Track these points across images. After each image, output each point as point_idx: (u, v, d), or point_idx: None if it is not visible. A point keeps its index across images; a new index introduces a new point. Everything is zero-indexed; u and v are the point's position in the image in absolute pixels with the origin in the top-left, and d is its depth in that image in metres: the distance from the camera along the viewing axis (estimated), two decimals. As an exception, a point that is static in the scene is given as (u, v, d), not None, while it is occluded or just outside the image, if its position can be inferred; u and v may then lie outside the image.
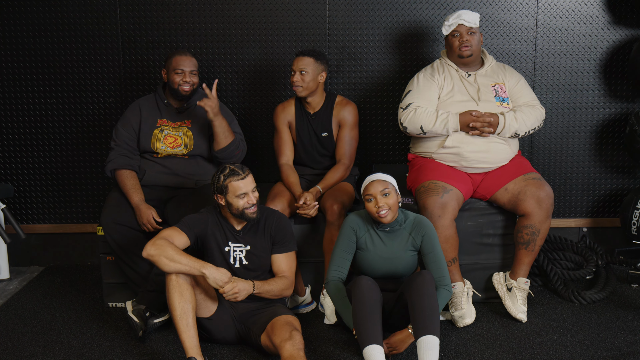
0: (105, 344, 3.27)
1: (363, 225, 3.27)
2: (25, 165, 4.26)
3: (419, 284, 2.99)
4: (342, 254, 3.27)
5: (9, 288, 3.99)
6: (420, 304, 2.94)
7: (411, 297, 2.98)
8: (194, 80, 3.64)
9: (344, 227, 3.29)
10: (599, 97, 4.18)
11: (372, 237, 3.25)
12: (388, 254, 3.24)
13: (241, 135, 3.73)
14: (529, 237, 3.45)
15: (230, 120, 3.69)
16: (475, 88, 3.60)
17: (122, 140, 3.64)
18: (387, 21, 4.10)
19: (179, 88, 3.61)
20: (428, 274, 3.04)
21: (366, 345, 2.88)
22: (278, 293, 3.15)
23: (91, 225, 4.30)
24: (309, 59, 3.65)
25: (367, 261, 3.26)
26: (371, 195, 3.16)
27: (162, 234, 3.01)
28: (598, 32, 4.11)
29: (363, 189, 3.22)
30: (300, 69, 3.64)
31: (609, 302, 3.63)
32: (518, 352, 3.13)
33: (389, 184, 3.17)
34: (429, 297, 2.96)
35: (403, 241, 3.24)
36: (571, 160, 4.25)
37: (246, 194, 3.06)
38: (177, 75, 3.60)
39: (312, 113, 3.74)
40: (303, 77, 3.64)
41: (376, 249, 3.25)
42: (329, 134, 3.75)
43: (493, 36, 4.11)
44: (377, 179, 3.18)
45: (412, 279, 3.04)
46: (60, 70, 4.15)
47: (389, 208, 3.15)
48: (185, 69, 3.60)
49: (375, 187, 3.16)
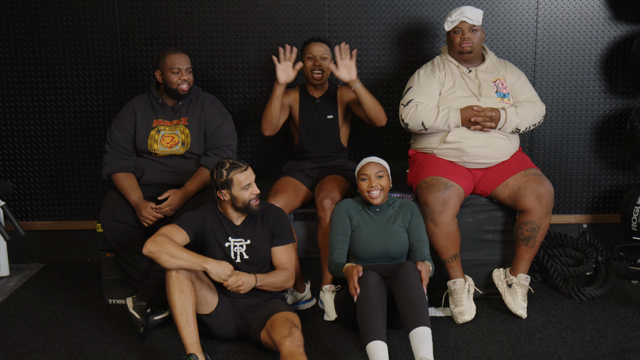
0: (105, 341, 3.27)
1: (355, 207, 3.42)
2: (24, 163, 4.26)
3: (403, 276, 3.01)
4: (339, 237, 3.36)
5: (9, 285, 3.99)
6: (408, 297, 2.95)
7: (397, 291, 2.99)
8: (191, 78, 3.63)
9: (335, 212, 3.41)
10: (599, 93, 4.17)
11: (364, 217, 3.39)
12: (380, 230, 3.34)
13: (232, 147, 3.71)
14: (529, 234, 3.45)
15: (223, 120, 3.68)
16: (476, 84, 3.60)
17: (116, 143, 3.63)
18: (387, 17, 4.09)
19: (178, 88, 3.59)
20: (410, 265, 3.06)
21: (370, 341, 2.88)
22: (280, 285, 3.16)
23: (91, 222, 4.30)
24: (326, 46, 3.74)
25: (361, 240, 3.33)
26: (366, 175, 3.33)
27: (161, 231, 3.01)
28: (598, 28, 4.10)
29: (359, 169, 3.38)
30: (321, 55, 3.71)
31: (609, 298, 3.63)
32: (518, 348, 3.13)
33: (384, 167, 3.36)
34: (415, 288, 2.97)
35: (392, 218, 3.39)
36: (571, 156, 4.24)
37: (250, 184, 3.09)
38: (174, 75, 3.58)
39: (317, 97, 3.80)
40: (324, 63, 3.72)
41: (368, 227, 3.36)
42: (335, 117, 3.81)
43: (493, 32, 4.10)
44: (373, 161, 3.37)
45: (395, 274, 3.06)
46: (59, 68, 4.14)
47: (381, 189, 3.32)
48: (181, 67, 3.59)
49: (371, 168, 3.33)
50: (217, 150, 3.64)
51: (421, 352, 2.84)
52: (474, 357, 3.06)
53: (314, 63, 3.71)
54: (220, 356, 3.10)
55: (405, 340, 3.19)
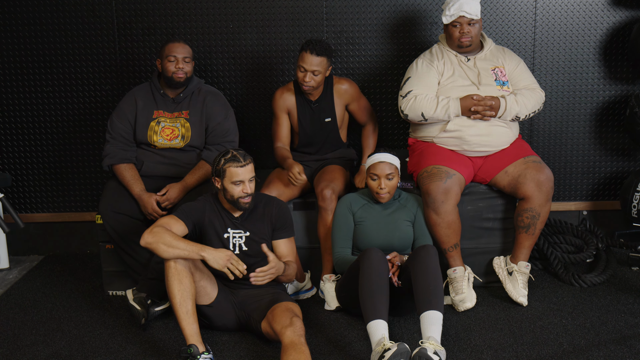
0: (105, 332, 3.27)
1: (358, 200, 3.43)
2: (22, 154, 4.25)
3: (424, 257, 3.02)
4: (341, 235, 3.38)
5: (9, 277, 3.99)
6: (425, 279, 2.95)
7: (415, 271, 2.99)
8: (188, 68, 3.60)
9: (338, 209, 3.43)
10: (599, 79, 4.15)
11: (368, 209, 3.40)
12: (384, 222, 3.35)
13: (234, 143, 3.69)
14: (529, 221, 3.44)
15: (225, 116, 3.67)
16: (475, 72, 3.58)
17: (117, 133, 3.61)
18: (384, 5, 4.07)
19: (173, 76, 3.57)
20: (432, 249, 3.07)
21: (371, 320, 2.89)
22: (292, 276, 3.19)
23: (90, 214, 4.29)
24: (322, 58, 3.52)
25: (365, 232, 3.35)
26: (377, 175, 3.31)
27: (159, 222, 3.00)
28: (597, 14, 4.08)
29: (370, 165, 3.34)
30: (313, 70, 3.53)
31: (610, 285, 3.63)
32: (519, 335, 3.13)
33: (395, 167, 3.34)
34: (433, 272, 2.98)
35: (398, 210, 3.40)
36: (571, 143, 4.23)
37: (242, 182, 3.04)
38: (170, 63, 3.56)
39: (313, 101, 3.71)
40: (315, 78, 3.55)
41: (373, 218, 3.36)
42: (333, 119, 3.74)
43: (492, 19, 4.08)
44: (385, 160, 3.32)
45: (416, 253, 3.07)
46: (56, 59, 4.12)
47: (388, 192, 3.32)
48: (178, 55, 3.57)
49: (383, 168, 3.30)
50: (218, 146, 3.62)
51: (429, 332, 2.84)
52: (475, 344, 3.06)
53: (303, 77, 3.54)
54: (221, 347, 3.10)
55: (409, 325, 3.20)
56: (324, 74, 3.59)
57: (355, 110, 3.81)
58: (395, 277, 3.11)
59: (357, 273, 3.06)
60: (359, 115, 3.83)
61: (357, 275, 3.05)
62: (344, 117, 3.83)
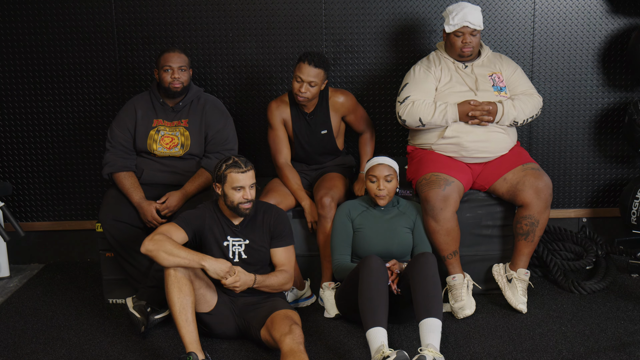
0: (106, 340, 3.27)
1: (357, 207, 3.44)
2: (23, 163, 4.26)
3: (423, 264, 3.02)
4: (340, 241, 3.39)
5: (9, 286, 3.99)
6: (424, 286, 2.96)
7: (414, 279, 3.00)
8: (184, 77, 3.61)
9: (337, 216, 3.43)
10: (597, 86, 4.16)
11: (367, 215, 3.41)
12: (383, 228, 3.36)
13: (233, 152, 3.70)
14: (528, 228, 3.44)
15: (224, 124, 3.68)
16: (472, 78, 3.59)
17: (117, 142, 3.63)
18: (383, 13, 4.08)
19: (170, 86, 3.59)
20: (431, 256, 3.08)
21: (370, 328, 2.89)
22: (278, 287, 3.15)
23: (90, 222, 4.30)
24: (319, 70, 3.52)
25: (365, 239, 3.35)
26: (376, 177, 3.34)
27: (159, 230, 3.01)
28: (596, 21, 4.09)
29: (369, 168, 3.37)
30: (310, 81, 3.52)
31: (609, 292, 3.63)
32: (518, 342, 3.13)
33: (393, 170, 3.37)
34: (432, 279, 2.99)
35: (397, 217, 3.41)
36: (570, 150, 4.24)
37: (243, 188, 3.05)
38: (166, 74, 3.58)
39: (308, 113, 3.71)
40: (311, 90, 3.55)
41: (372, 225, 3.37)
42: (329, 131, 3.74)
43: (491, 26, 4.09)
44: (383, 162, 3.36)
45: (415, 260, 3.07)
46: (56, 67, 4.14)
47: (387, 194, 3.35)
48: (173, 65, 3.58)
49: (381, 170, 3.34)
50: (218, 154, 3.63)
51: (428, 339, 2.84)
52: (474, 352, 3.06)
53: (299, 88, 3.53)
54: (220, 354, 3.10)
55: (409, 332, 3.20)
56: (320, 86, 3.58)
57: (353, 121, 3.82)
58: (395, 284, 3.11)
59: (356, 280, 3.07)
60: (357, 125, 3.85)
61: (357, 283, 3.06)
62: (340, 127, 3.82)
